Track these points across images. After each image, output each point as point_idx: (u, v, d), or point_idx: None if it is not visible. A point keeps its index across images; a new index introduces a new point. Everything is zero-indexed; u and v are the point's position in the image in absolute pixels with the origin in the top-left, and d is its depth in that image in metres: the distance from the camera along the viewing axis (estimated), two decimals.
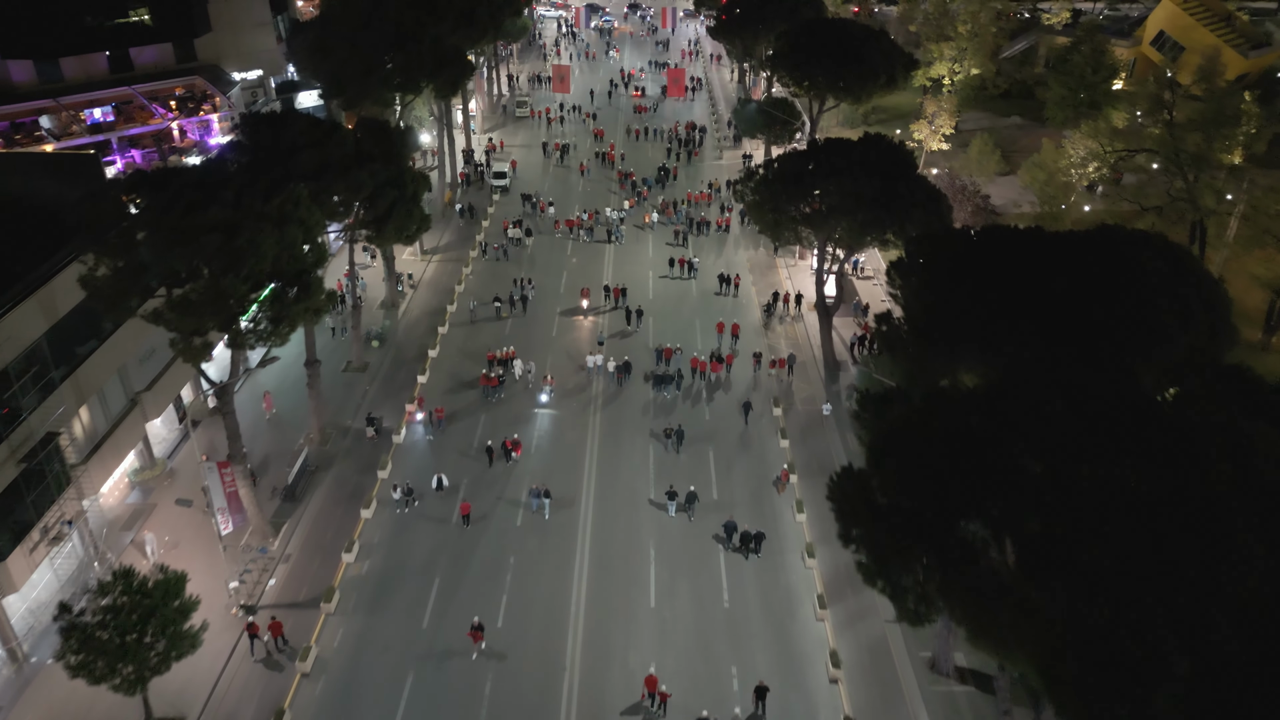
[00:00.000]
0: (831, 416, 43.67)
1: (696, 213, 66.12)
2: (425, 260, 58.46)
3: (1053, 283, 21.81)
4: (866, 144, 40.21)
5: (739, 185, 41.01)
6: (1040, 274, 22.38)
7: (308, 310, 27.82)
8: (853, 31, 50.20)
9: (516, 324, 52.31)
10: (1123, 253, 23.17)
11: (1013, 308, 21.38)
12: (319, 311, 28.64)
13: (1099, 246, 23.81)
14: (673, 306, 54.67)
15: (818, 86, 49.89)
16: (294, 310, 27.15)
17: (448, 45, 44.26)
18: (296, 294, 27.33)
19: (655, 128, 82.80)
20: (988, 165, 59.89)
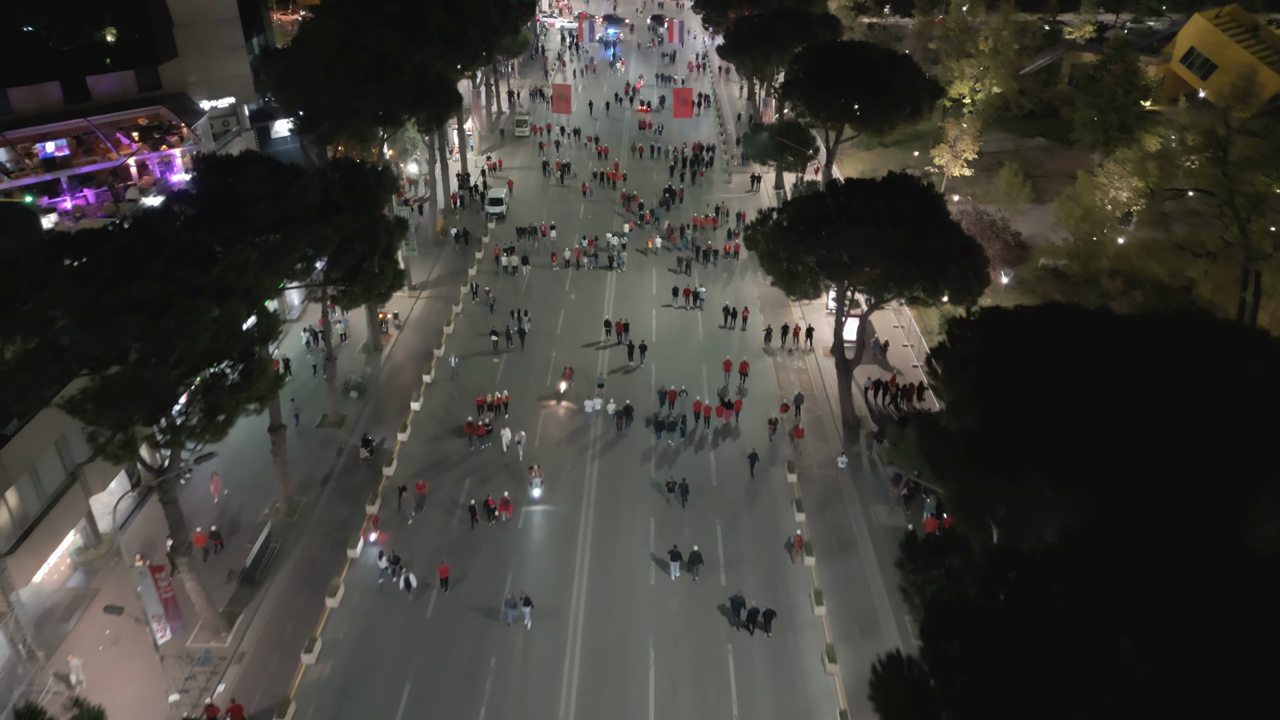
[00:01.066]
0: (848, 471, 39.98)
1: (703, 239, 62.54)
2: (413, 296, 54.65)
3: (1141, 396, 17.88)
4: (893, 187, 36.27)
5: (750, 230, 37.10)
6: (1123, 380, 18.46)
7: (250, 400, 23.98)
8: (874, 57, 46.28)
9: (512, 360, 48.95)
10: (1222, 357, 19.13)
11: (1094, 432, 17.46)
12: (263, 400, 24.78)
13: (1191, 343, 19.77)
14: (677, 340, 51.28)
15: (836, 117, 45.95)
16: (231, 402, 23.31)
17: (432, 74, 40.45)
18: (236, 380, 23.48)
19: (660, 146, 79.18)
20: (1017, 197, 55.79)
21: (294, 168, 30.34)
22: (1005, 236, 50.32)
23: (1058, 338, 20.73)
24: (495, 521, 37.09)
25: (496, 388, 45.77)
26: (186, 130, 41.39)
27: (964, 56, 77.52)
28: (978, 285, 33.60)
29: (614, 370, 48.24)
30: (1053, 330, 21.30)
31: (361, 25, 41.70)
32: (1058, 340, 20.58)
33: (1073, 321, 22.02)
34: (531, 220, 64.72)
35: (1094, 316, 22.41)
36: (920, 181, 37.88)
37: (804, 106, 47.99)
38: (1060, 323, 21.97)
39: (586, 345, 50.46)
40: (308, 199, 29.86)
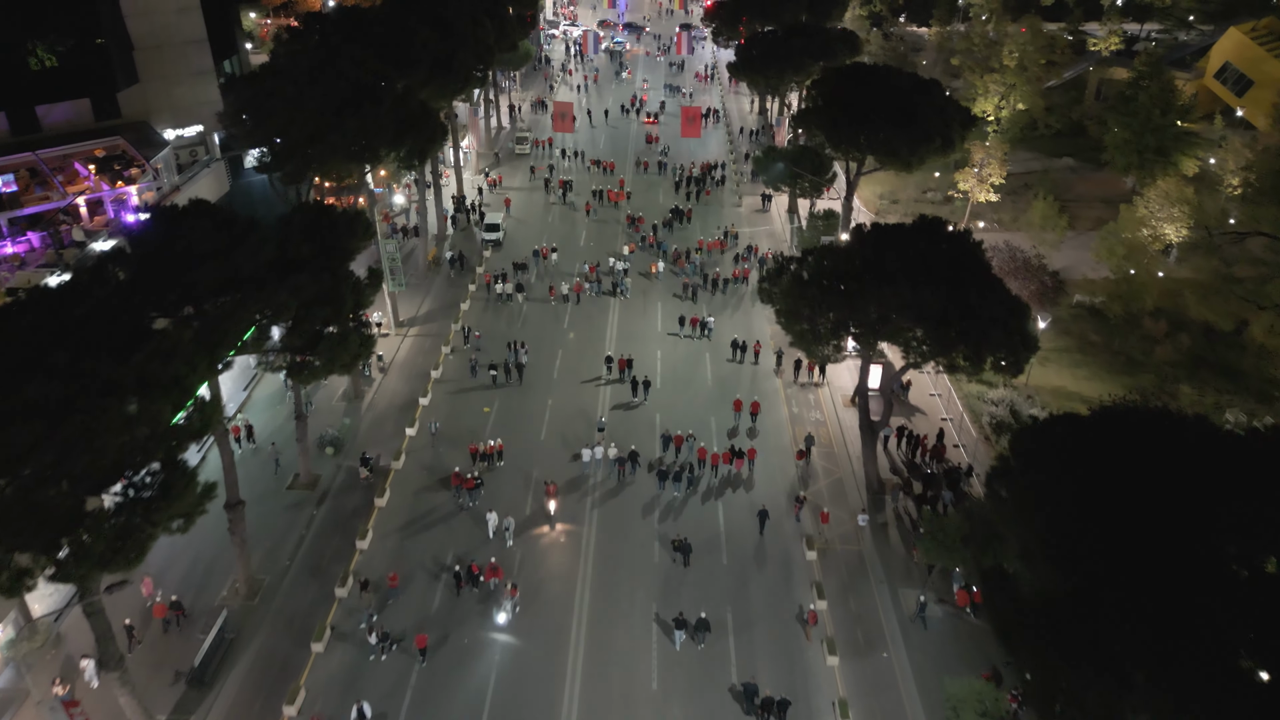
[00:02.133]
0: (871, 542, 36.21)
1: (711, 264, 59.05)
2: (400, 334, 50.82)
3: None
4: (926, 234, 32.31)
5: (765, 284, 33.19)
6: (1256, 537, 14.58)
7: (171, 518, 20.10)
8: (899, 82, 42.26)
9: (508, 398, 45.68)
10: None
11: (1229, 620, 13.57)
12: (189, 518, 20.92)
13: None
14: (684, 374, 48.02)
15: (858, 150, 41.99)
16: (143, 527, 19.37)
17: (415, 104, 36.64)
18: (156, 495, 19.59)
19: (667, 163, 75.54)
20: (1052, 229, 51.59)
21: (248, 221, 26.54)
22: (1042, 277, 46.21)
23: (1156, 463, 16.76)
24: (479, 590, 33.73)
25: (489, 435, 42.45)
26: (144, 165, 37.54)
27: (988, 72, 73.56)
28: (1026, 353, 29.61)
29: (616, 406, 45.18)
30: (1147, 451, 17.30)
31: (338, 49, 37.92)
32: (1156, 467, 16.63)
33: (1167, 434, 18.00)
34: (532, 244, 61.45)
35: (1194, 427, 18.37)
36: (956, 227, 33.89)
37: (823, 137, 44.01)
38: (1152, 437, 17.95)
39: (586, 381, 47.21)
40: (262, 257, 26.04)
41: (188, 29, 41.37)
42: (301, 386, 35.26)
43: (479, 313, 53.45)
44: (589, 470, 40.36)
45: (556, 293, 54.62)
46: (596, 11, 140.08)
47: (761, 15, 66.10)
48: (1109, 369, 47.76)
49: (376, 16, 43.70)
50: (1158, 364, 47.78)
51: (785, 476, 40.44)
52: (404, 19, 43.99)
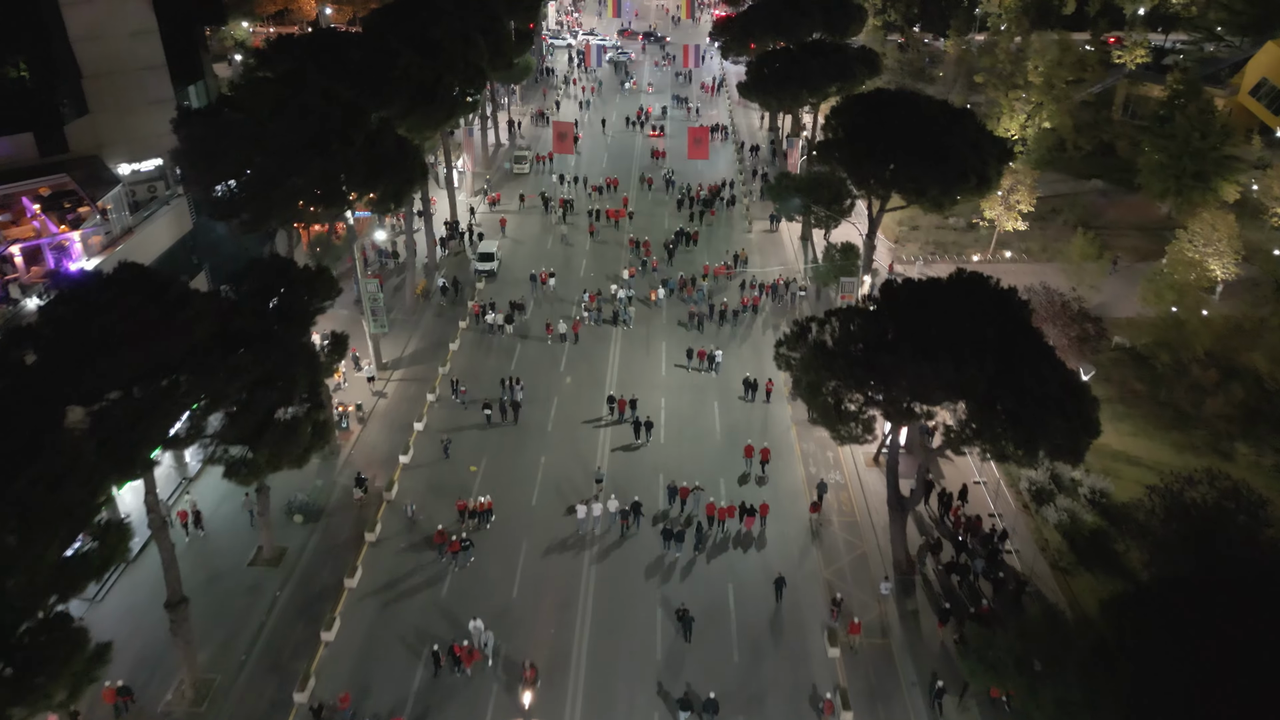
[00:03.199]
0: (900, 633, 32.35)
1: (718, 292, 55.74)
2: (384, 378, 46.95)
3: None
4: (967, 295, 28.34)
5: (782, 349, 29.22)
6: None
7: (51, 695, 16.21)
8: (929, 112, 38.24)
9: (501, 440, 42.46)
10: None
11: None
12: (75, 691, 17.03)
13: None
14: (690, 413, 44.81)
15: (884, 187, 37.98)
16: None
17: (391, 141, 32.72)
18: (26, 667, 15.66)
19: (674, 179, 71.93)
20: (1092, 266, 47.36)
21: (183, 291, 22.70)
22: (1084, 323, 42.15)
23: None
24: (462, 674, 30.27)
25: (479, 485, 39.25)
26: (90, 206, 33.68)
27: (1013, 89, 69.53)
28: (1087, 440, 25.59)
29: (617, 448, 42.00)
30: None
31: (307, 78, 34.10)
32: None
33: None
34: (529, 268, 58.26)
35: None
36: (999, 285, 29.92)
37: (845, 173, 40.03)
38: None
39: (586, 422, 44.03)
40: (199, 333, 22.18)
41: (144, 54, 37.47)
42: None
43: (469, 352, 49.57)
44: (584, 529, 36.87)
45: (554, 331, 50.74)
46: (601, 20, 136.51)
47: (774, 31, 62.12)
48: (1156, 423, 43.64)
49: (353, 39, 39.88)
50: (1209, 417, 43.67)
51: (800, 530, 37.24)
52: (384, 42, 40.15)
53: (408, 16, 48.76)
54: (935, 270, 58.29)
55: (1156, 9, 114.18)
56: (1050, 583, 34.47)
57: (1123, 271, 55.09)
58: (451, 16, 51.74)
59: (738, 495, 38.64)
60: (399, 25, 47.55)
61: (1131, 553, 34.62)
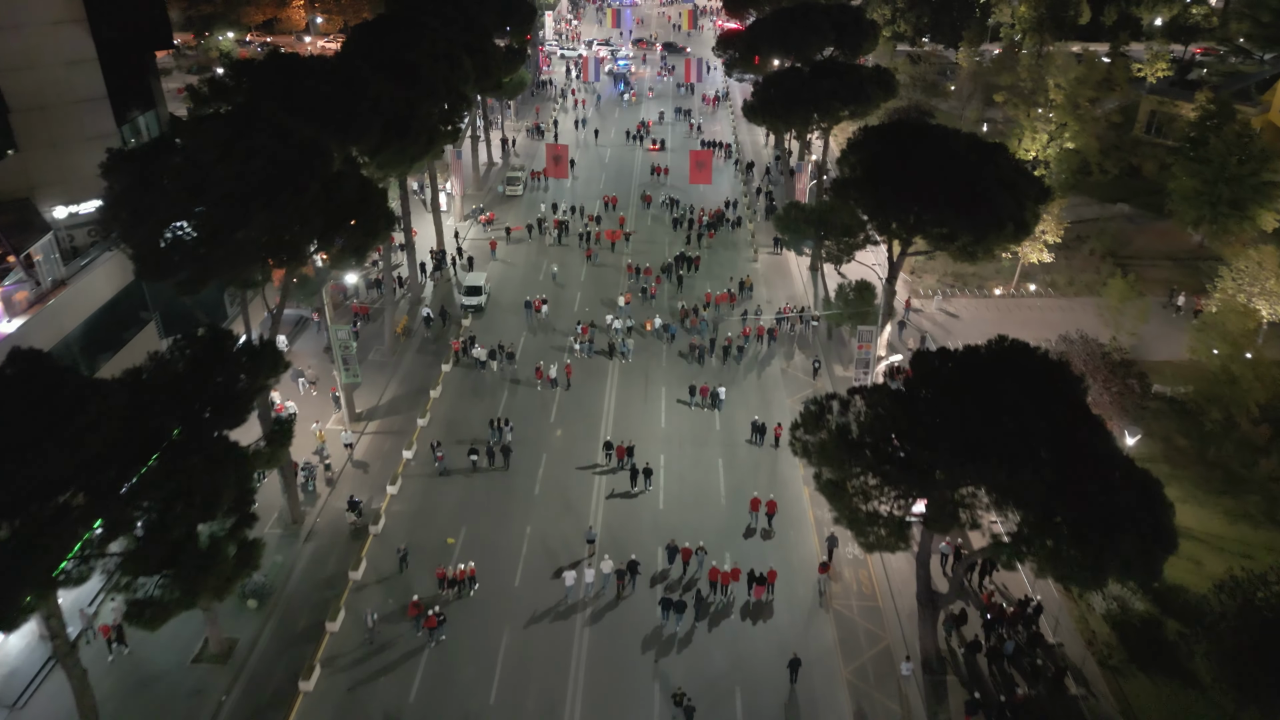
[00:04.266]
0: (916, 694, 28.88)
1: (722, 322, 52.52)
2: (356, 431, 42.94)
3: None
4: (1016, 374, 24.32)
5: (799, 434, 25.25)
6: None
7: None
8: (958, 148, 34.14)
9: (488, 492, 39.15)
10: None
11: None
12: None
13: None
14: (692, 458, 41.54)
15: (911, 233, 33.94)
16: None
17: (353, 185, 28.68)
18: None
19: (677, 198, 68.35)
20: (1132, 310, 43.24)
21: (80, 387, 18.75)
22: (1127, 377, 38.12)
23: None
24: None
25: (462, 538, 36.15)
26: (14, 258, 29.69)
27: (1034, 107, 65.60)
28: (1163, 556, 21.58)
29: (614, 494, 38.92)
30: None
31: (258, 112, 30.17)
32: None
33: None
34: (521, 294, 55.24)
35: None
36: (1048, 356, 25.91)
37: (866, 215, 36.00)
38: None
39: (581, 468, 40.75)
40: (93, 443, 18.20)
41: (81, 86, 33.44)
42: None
43: (452, 399, 45.56)
44: (573, 596, 33.60)
45: (544, 375, 46.76)
46: (601, 28, 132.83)
47: (782, 48, 58.08)
48: (1205, 486, 39.54)
49: (317, 66, 35.94)
50: (1264, 480, 39.64)
51: (811, 593, 34.16)
52: (353, 68, 36.23)
53: (386, 36, 44.90)
54: (955, 305, 54.44)
55: (1176, 19, 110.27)
56: (1099, 684, 30.45)
57: (1186, 343, 50.68)
58: (436, 34, 47.90)
59: (742, 550, 35.66)
60: (375, 47, 43.68)
61: (1192, 650, 30.62)
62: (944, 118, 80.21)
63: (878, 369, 39.87)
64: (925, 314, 53.76)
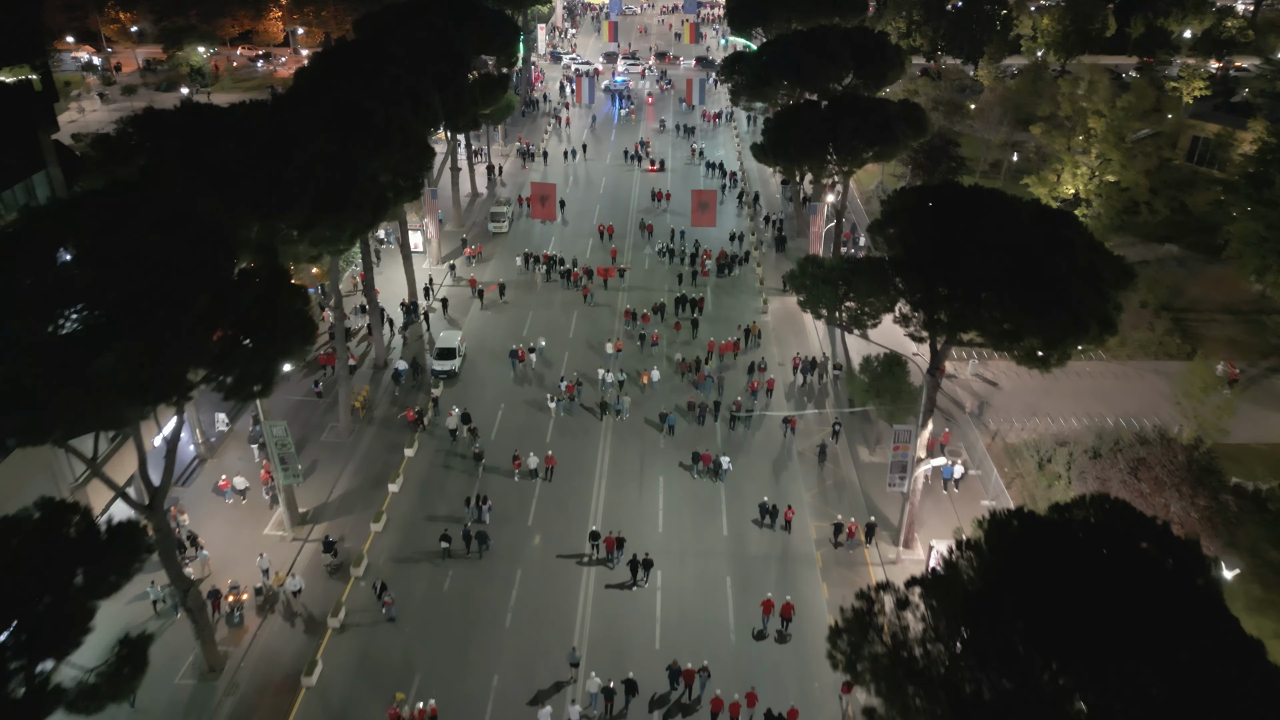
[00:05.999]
0: None
1: (725, 375, 47.41)
2: (298, 539, 36.46)
3: None
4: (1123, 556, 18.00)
5: (840, 645, 18.83)
6: None
7: None
8: (1024, 221, 27.54)
9: (466, 578, 34.54)
10: None
11: None
12: None
13: None
14: (693, 540, 36.81)
15: (966, 329, 27.31)
16: None
17: (255, 291, 22.05)
18: None
19: (680, 227, 62.53)
20: (1214, 401, 36.66)
21: None
22: (1218, 489, 31.70)
23: None
24: None
25: (416, 694, 29.83)
26: None
27: (1073, 138, 59.13)
28: None
29: (611, 585, 34.48)
30: None
31: (156, 184, 23.86)
32: None
33: None
34: (505, 343, 49.99)
35: None
36: (1168, 532, 19.56)
37: (905, 301, 29.48)
38: None
39: (563, 556, 35.80)
40: None
41: None
42: None
43: (414, 493, 39.14)
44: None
45: (523, 464, 40.34)
46: (597, 39, 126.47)
47: (796, 80, 51.40)
48: None
49: (241, 120, 29.60)
50: None
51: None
52: (285, 120, 29.84)
53: (337, 74, 38.59)
54: (993, 370, 47.90)
55: (1209, 32, 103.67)
56: None
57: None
58: (400, 68, 41.57)
59: (753, 657, 31.58)
60: (323, 87, 37.34)
61: None
62: (969, 145, 73.78)
63: (917, 474, 33.45)
64: (959, 380, 47.36)
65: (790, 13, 67.22)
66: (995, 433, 43.28)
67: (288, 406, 43.47)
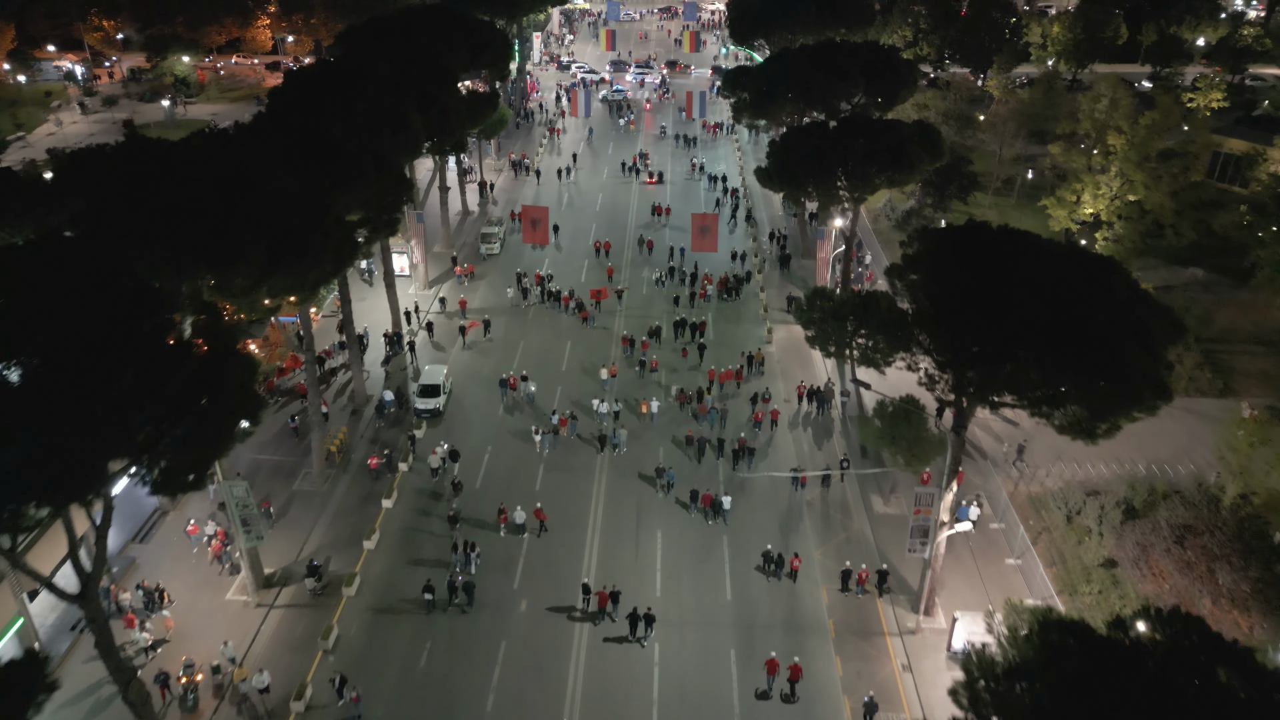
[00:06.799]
0: None
1: (725, 401, 44.81)
2: (263, 604, 33.44)
3: None
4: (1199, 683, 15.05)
5: None
6: None
7: None
8: (1062, 269, 24.58)
9: (449, 650, 31.64)
10: None
11: None
12: None
13: None
14: (692, 588, 34.41)
15: (995, 389, 24.33)
16: None
17: (195, 362, 19.12)
18: None
19: (680, 247, 59.60)
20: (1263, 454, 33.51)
21: None
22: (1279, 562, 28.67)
23: None
24: None
25: None
26: None
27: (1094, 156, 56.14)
28: None
29: (607, 639, 32.12)
30: None
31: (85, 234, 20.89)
32: None
33: None
34: (493, 372, 47.24)
35: None
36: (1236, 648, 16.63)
37: (930, 359, 26.46)
38: None
39: (554, 610, 33.38)
40: None
41: None
42: None
43: (393, 549, 36.13)
44: None
45: (508, 519, 37.26)
46: (595, 45, 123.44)
47: (803, 99, 48.22)
48: None
49: (192, 153, 26.63)
50: None
51: None
52: (238, 156, 26.86)
53: (308, 97, 35.64)
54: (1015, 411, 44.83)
55: (1224, 41, 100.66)
56: None
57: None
58: (382, 88, 38.59)
59: (755, 715, 29.59)
60: (293, 111, 34.41)
61: None
62: (979, 158, 70.77)
63: (940, 539, 30.45)
64: (978, 420, 44.32)
65: (794, 24, 64.30)
66: (1018, 479, 40.29)
67: (259, 444, 40.62)
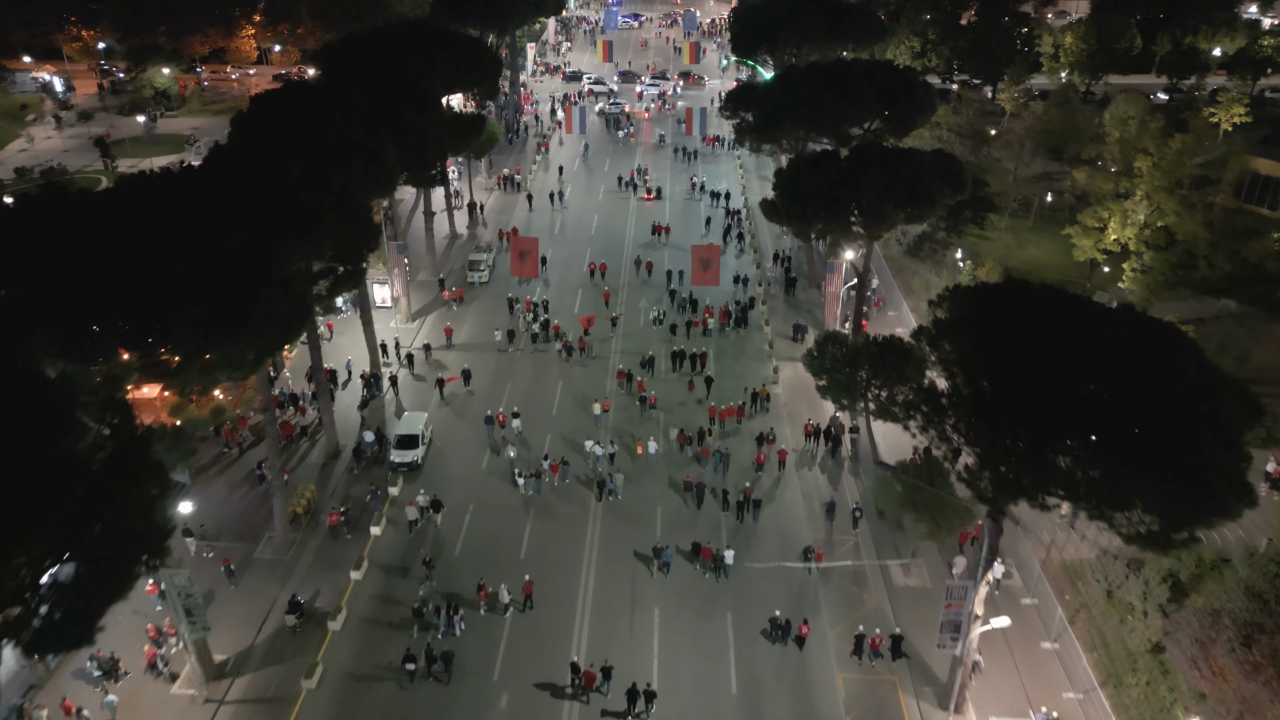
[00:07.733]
0: None
1: (727, 441, 41.87)
2: (213, 700, 29.83)
3: None
4: None
5: None
6: None
7: None
8: (1120, 337, 21.20)
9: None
10: None
11: None
12: None
13: None
14: (693, 654, 31.47)
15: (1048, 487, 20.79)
16: None
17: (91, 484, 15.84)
18: None
19: (679, 270, 56.68)
20: None
21: None
22: None
23: None
24: None
25: None
26: None
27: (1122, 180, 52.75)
28: None
29: (605, 712, 29.41)
30: None
31: None
32: None
33: None
34: (480, 408, 44.36)
35: None
36: None
37: (977, 460, 22.84)
38: None
39: (540, 686, 30.31)
40: None
41: None
42: None
43: (359, 634, 32.53)
44: None
45: (489, 594, 33.65)
46: (592, 54, 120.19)
47: (812, 125, 44.60)
48: None
49: (121, 204, 23.21)
50: None
51: None
52: (173, 206, 23.41)
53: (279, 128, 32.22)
54: None
55: (1243, 51, 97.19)
56: None
57: None
58: (354, 115, 35.19)
59: None
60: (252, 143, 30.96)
61: None
62: (993, 177, 67.35)
63: (973, 636, 26.93)
64: None
65: (799, 38, 60.92)
66: (1050, 544, 36.78)
67: (218, 496, 37.41)
